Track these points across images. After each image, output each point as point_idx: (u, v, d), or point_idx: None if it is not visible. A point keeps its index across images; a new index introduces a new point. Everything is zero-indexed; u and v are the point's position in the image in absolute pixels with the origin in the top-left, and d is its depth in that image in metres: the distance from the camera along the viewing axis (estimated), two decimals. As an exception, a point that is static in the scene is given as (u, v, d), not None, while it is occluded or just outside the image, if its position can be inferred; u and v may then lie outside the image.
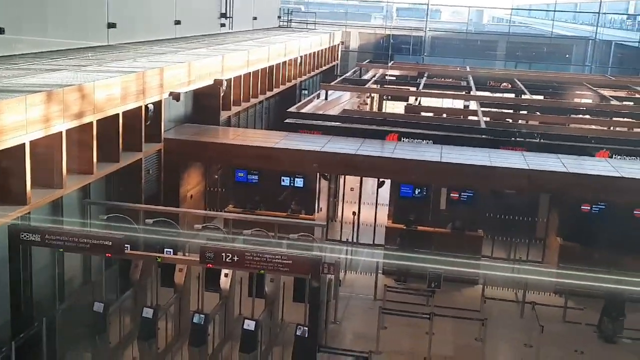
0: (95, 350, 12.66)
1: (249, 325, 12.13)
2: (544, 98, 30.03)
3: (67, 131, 12.40)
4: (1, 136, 10.45)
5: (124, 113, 14.48)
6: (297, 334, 11.93)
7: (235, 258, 11.62)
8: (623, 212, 17.00)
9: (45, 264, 12.64)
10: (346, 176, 20.87)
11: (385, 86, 32.54)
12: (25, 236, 11.58)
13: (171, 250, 12.86)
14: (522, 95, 29.49)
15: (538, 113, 26.12)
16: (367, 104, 31.93)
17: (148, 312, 12.45)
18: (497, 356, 13.79)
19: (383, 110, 31.78)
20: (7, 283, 11.72)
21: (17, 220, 11.61)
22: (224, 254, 11.64)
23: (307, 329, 11.76)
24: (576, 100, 29.68)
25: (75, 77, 13.54)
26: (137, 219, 13.82)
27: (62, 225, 12.76)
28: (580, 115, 26.40)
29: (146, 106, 15.51)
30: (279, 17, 39.76)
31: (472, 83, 30.92)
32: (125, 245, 11.93)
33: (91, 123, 13.18)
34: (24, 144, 11.15)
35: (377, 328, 13.74)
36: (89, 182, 13.70)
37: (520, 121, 25.47)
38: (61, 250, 12.13)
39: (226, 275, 13.31)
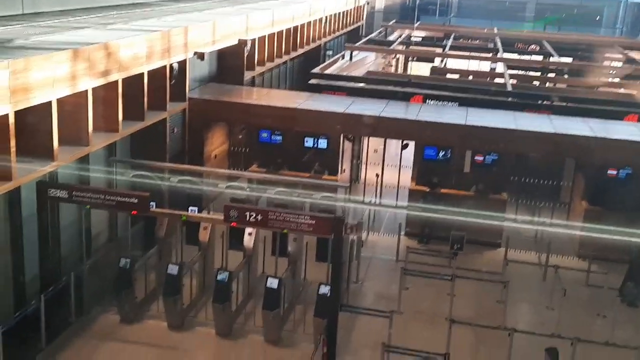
0: (121, 305, 12.93)
1: (272, 283, 12.30)
2: (573, 61, 29.49)
3: (93, 89, 12.46)
4: (29, 93, 10.54)
5: (149, 72, 14.50)
6: (320, 292, 12.07)
7: (259, 217, 11.71)
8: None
9: (73, 220, 12.85)
10: (370, 138, 20.79)
11: (411, 47, 32.14)
12: (53, 193, 11.77)
13: (196, 208, 13.00)
14: (550, 58, 28.97)
15: (566, 76, 25.70)
16: (392, 65, 31.62)
17: (173, 269, 12.67)
18: (519, 318, 13.82)
19: (408, 72, 31.44)
20: (36, 238, 11.95)
21: (44, 177, 11.79)
22: (247, 213, 11.74)
23: (329, 288, 11.87)
24: (605, 63, 29.09)
25: (101, 35, 13.57)
26: (162, 178, 13.94)
27: (89, 183, 12.93)
28: (610, 79, 25.92)
29: (171, 65, 15.52)
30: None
31: (499, 45, 30.41)
32: (151, 203, 12.07)
33: (117, 81, 13.23)
34: (50, 101, 11.24)
35: (399, 288, 13.84)
36: (115, 140, 13.81)
37: (547, 84, 25.10)
38: (88, 207, 12.32)
39: (250, 234, 13.45)
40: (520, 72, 25.96)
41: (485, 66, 28.71)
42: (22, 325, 11.10)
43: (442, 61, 27.47)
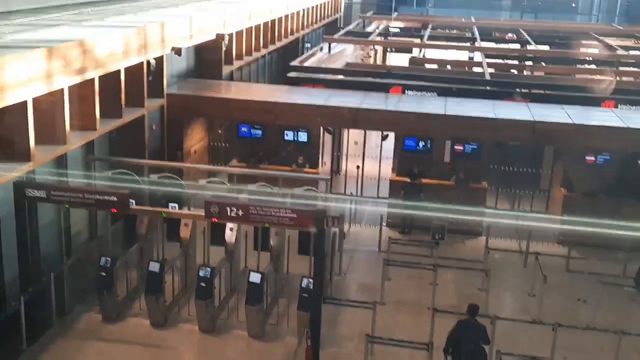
0: (102, 303, 12.85)
1: (255, 277, 12.30)
2: (550, 48, 29.68)
3: (70, 87, 12.34)
4: (3, 93, 10.40)
5: (126, 69, 14.39)
6: (302, 285, 12.08)
7: (240, 212, 11.68)
8: (628, 162, 16.97)
9: (52, 219, 12.73)
10: (350, 130, 20.79)
11: (389, 38, 32.16)
12: (30, 192, 11.64)
13: (176, 205, 12.93)
14: (527, 46, 29.13)
15: (543, 64, 25.87)
16: (370, 56, 31.61)
17: (154, 267, 12.61)
18: (501, 306, 13.92)
19: (387, 63, 31.45)
20: (15, 239, 11.82)
21: (22, 177, 11.65)
22: (228, 209, 11.71)
23: (312, 281, 11.88)
24: (582, 50, 29.32)
25: (76, 32, 13.42)
26: (142, 175, 13.85)
27: (67, 182, 12.81)
28: (586, 66, 26.13)
29: (148, 61, 15.40)
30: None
31: (477, 34, 30.54)
32: (131, 200, 11.99)
33: (93, 79, 13.11)
34: (26, 100, 11.11)
35: (381, 279, 13.89)
36: (93, 138, 13.69)
37: (525, 72, 25.25)
38: (67, 206, 12.21)
39: (231, 229, 13.41)
40: (498, 61, 26.08)
41: (463, 56, 28.80)
42: (2, 328, 10.99)
43: (420, 51, 27.51)
